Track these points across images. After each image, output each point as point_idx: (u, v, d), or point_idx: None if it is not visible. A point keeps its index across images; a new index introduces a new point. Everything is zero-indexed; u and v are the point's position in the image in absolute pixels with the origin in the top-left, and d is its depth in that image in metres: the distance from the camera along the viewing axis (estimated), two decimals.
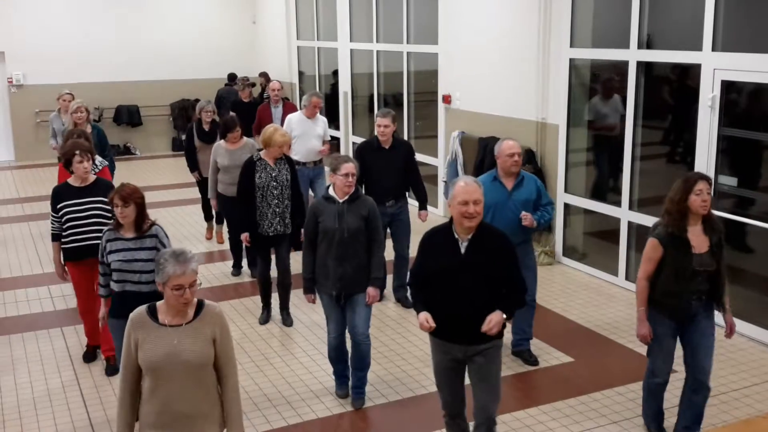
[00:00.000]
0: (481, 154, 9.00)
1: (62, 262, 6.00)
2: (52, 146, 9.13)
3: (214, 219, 9.26)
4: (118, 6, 15.08)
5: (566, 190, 8.35)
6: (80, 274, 5.95)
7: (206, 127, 8.76)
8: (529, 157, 8.42)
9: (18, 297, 7.64)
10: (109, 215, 5.41)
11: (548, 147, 8.46)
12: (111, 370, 5.88)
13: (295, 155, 8.23)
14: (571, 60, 8.11)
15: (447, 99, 10.10)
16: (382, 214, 6.12)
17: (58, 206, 5.80)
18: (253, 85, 12.33)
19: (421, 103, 11.20)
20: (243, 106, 10.83)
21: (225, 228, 8.63)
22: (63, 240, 5.85)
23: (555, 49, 8.21)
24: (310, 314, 7.00)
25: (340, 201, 5.21)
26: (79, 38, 14.78)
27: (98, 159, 6.65)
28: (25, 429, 5.20)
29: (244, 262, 8.22)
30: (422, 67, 10.98)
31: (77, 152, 5.76)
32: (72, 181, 5.89)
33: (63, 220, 5.79)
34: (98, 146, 7.79)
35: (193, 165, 8.84)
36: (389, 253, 6.73)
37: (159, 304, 3.50)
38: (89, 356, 6.20)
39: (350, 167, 5.20)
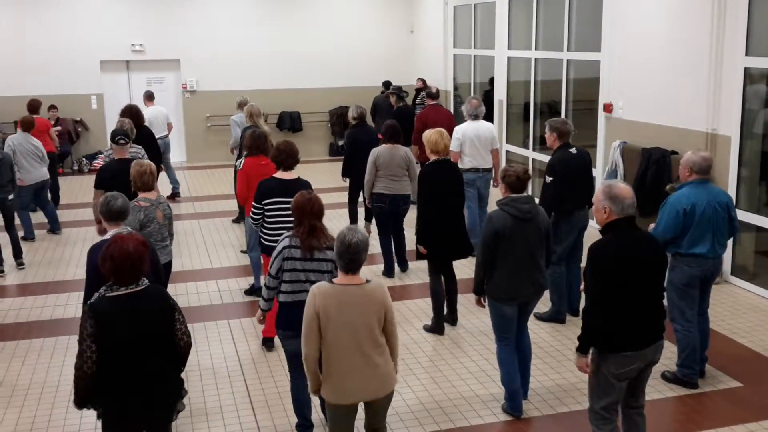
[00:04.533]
0: (644, 165, 8.68)
1: None
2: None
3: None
4: (282, 18, 15.79)
5: (737, 205, 7.89)
6: None
7: None
8: None
9: (189, 290, 8.15)
10: None
11: (718, 159, 8.03)
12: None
13: None
14: (746, 69, 7.68)
15: (608, 108, 9.83)
16: None
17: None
18: (401, 93, 12.62)
19: (578, 112, 10.96)
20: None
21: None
22: None
23: (729, 57, 7.80)
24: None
25: None
26: (246, 48, 15.61)
27: None
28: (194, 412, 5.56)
29: None
30: (582, 75, 10.75)
31: None
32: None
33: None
34: None
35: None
36: None
37: None
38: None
39: None
